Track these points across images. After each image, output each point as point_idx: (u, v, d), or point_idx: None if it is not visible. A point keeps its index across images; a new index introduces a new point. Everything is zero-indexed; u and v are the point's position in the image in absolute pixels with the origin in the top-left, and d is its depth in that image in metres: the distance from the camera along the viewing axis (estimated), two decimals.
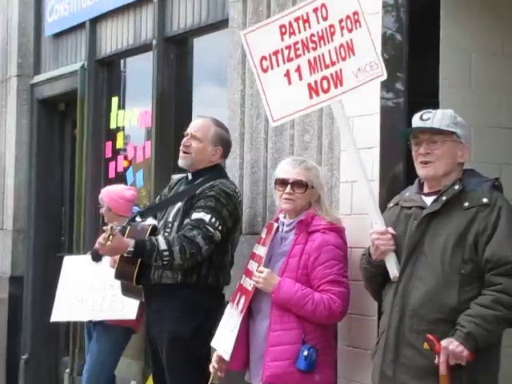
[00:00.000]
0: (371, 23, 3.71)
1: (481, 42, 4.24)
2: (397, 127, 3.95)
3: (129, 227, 4.48)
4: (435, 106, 3.67)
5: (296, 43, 3.59)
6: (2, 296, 8.05)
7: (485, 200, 3.18)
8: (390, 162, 3.92)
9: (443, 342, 3.04)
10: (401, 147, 3.69)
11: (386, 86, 4.04)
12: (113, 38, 7.04)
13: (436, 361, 3.07)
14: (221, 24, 5.66)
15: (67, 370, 7.34)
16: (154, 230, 4.50)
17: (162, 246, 4.23)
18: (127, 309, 5.37)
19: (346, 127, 3.67)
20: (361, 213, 3.95)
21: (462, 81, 4.13)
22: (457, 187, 3.23)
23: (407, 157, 3.55)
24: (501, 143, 4.22)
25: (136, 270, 4.39)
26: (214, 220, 4.29)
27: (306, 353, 3.81)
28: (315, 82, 3.55)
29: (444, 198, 3.23)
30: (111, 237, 4.01)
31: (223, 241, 4.40)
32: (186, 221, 4.34)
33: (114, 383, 6.17)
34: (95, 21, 7.18)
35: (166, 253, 4.22)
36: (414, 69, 4.07)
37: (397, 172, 3.89)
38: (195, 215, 4.32)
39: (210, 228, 4.28)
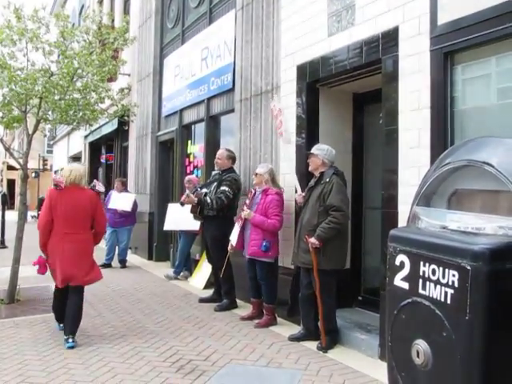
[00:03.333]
0: (292, 110, 5.40)
1: (334, 119, 5.41)
2: (303, 152, 5.11)
3: (195, 192, 6.07)
4: (316, 141, 5.00)
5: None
6: (146, 220, 10.06)
7: (328, 179, 4.42)
8: (301, 167, 5.07)
9: (310, 239, 4.34)
10: (303, 160, 5.06)
11: (298, 135, 5.32)
12: (188, 116, 8.73)
13: (309, 245, 4.33)
14: (231, 111, 7.01)
15: (171, 250, 9.13)
16: (206, 194, 5.86)
17: (208, 200, 5.66)
18: (195, 226, 6.81)
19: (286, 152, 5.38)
20: (289, 186, 5.28)
21: (327, 134, 5.27)
22: (320, 175, 4.50)
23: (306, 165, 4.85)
24: (345, 160, 5.37)
25: (198, 210, 5.87)
26: (228, 189, 5.65)
27: (264, 243, 5.06)
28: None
29: (315, 179, 4.55)
30: (187, 196, 5.69)
31: (232, 199, 5.73)
32: (219, 190, 5.70)
33: (189, 255, 7.79)
34: (181, 110, 8.88)
35: (209, 203, 5.67)
36: (309, 130, 5.28)
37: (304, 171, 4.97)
38: (222, 188, 5.72)
39: (227, 193, 5.65)
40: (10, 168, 35.44)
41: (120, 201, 9.00)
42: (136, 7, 11.35)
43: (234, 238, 5.42)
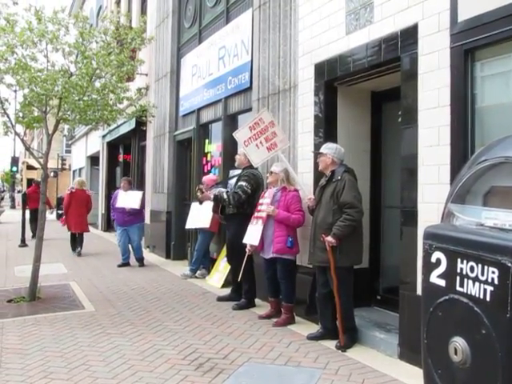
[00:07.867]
0: (310, 109, 5.41)
1: (353, 118, 5.43)
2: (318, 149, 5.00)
3: (214, 188, 6.18)
4: (334, 140, 5.06)
5: (256, 133, 5.23)
6: (163, 219, 10.20)
7: (339, 177, 4.48)
8: (318, 166, 4.87)
9: (327, 238, 4.38)
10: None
11: (316, 135, 5.36)
12: (205, 115, 8.78)
13: (326, 244, 4.38)
14: (249, 110, 7.04)
15: (189, 249, 9.09)
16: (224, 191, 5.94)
17: (225, 196, 5.74)
18: (206, 223, 7.32)
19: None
20: (306, 185, 5.32)
21: (345, 133, 5.36)
22: (331, 173, 4.57)
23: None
24: (364, 159, 5.52)
25: (219, 210, 6.04)
26: (246, 184, 5.73)
27: (290, 239, 5.12)
28: (268, 146, 5.22)
29: (326, 178, 4.60)
30: (199, 191, 5.97)
31: (252, 194, 5.79)
32: (237, 185, 5.82)
33: (208, 252, 7.90)
34: (199, 109, 8.95)
35: (226, 199, 5.75)
36: (327, 129, 5.27)
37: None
38: (240, 183, 5.80)
39: (244, 187, 5.74)
40: (30, 168, 36.01)
41: (127, 199, 9.07)
42: (153, 7, 11.47)
43: (253, 238, 5.37)
